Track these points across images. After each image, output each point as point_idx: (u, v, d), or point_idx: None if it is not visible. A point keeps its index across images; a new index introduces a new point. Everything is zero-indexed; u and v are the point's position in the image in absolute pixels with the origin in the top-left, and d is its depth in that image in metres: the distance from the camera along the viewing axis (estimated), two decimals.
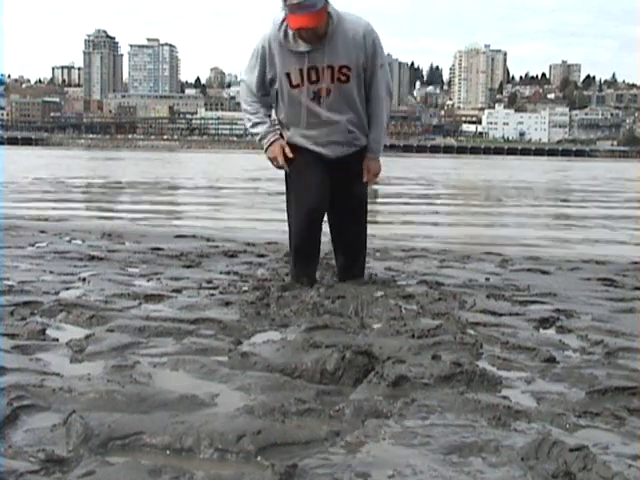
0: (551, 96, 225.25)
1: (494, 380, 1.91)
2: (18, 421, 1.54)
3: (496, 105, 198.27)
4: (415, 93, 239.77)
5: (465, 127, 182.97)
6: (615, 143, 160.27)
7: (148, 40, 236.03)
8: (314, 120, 3.20)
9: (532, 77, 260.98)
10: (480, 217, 9.35)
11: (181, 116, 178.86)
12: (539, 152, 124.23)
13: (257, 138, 3.33)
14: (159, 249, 4.58)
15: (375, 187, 12.28)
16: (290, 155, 3.22)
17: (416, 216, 9.15)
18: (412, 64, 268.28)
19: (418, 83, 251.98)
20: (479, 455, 1.43)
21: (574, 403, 1.76)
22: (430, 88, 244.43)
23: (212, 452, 1.41)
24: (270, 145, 3.26)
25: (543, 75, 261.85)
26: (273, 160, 3.28)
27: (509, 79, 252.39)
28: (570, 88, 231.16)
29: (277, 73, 3.16)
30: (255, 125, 3.29)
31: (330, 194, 3.26)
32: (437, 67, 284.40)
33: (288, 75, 3.13)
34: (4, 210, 7.78)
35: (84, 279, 3.36)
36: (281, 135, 3.31)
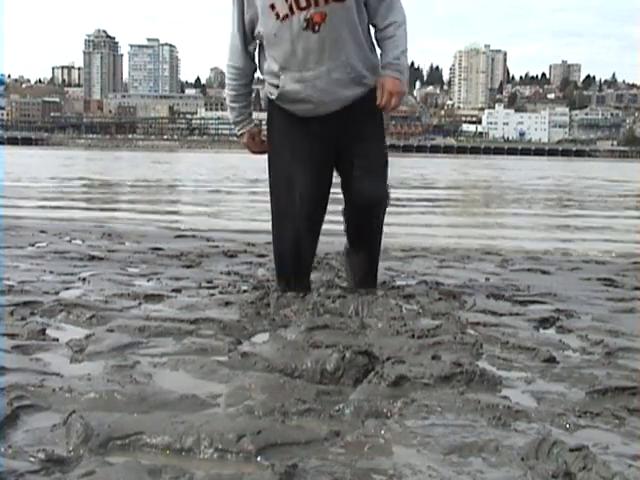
0: (551, 96, 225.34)
1: (494, 380, 1.91)
2: (18, 421, 1.54)
3: (496, 105, 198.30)
4: (415, 93, 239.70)
5: (465, 127, 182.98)
6: (615, 143, 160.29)
7: (148, 40, 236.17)
8: (310, 56, 2.73)
9: (532, 77, 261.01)
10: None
11: (181, 116, 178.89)
12: (539, 152, 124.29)
13: (230, 118, 3.05)
14: (159, 249, 4.59)
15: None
16: (259, 146, 2.99)
17: None
18: (412, 64, 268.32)
19: (418, 83, 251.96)
20: (479, 455, 1.43)
21: (574, 403, 1.76)
22: (430, 88, 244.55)
23: (212, 452, 1.41)
24: (240, 136, 3.03)
25: (543, 75, 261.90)
26: (247, 147, 3.05)
27: (509, 79, 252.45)
28: (570, 88, 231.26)
29: (259, 8, 2.73)
30: (231, 109, 3.01)
31: (330, 172, 2.91)
32: (437, 67, 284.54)
33: (272, 6, 2.69)
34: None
35: (84, 279, 3.36)
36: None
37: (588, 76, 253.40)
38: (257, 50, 2.91)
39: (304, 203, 2.85)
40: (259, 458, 1.39)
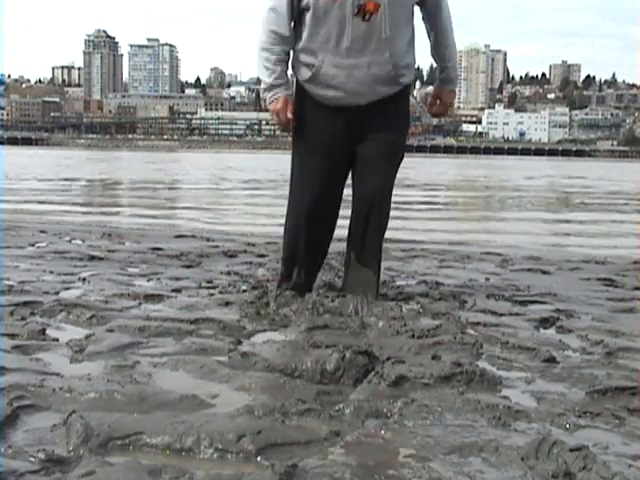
0: (551, 96, 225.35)
1: (494, 380, 1.91)
2: (18, 421, 1.54)
3: (496, 105, 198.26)
4: (415, 93, 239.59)
5: (465, 127, 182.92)
6: (615, 143, 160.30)
7: (148, 40, 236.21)
8: (354, 44, 2.63)
9: (532, 77, 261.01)
10: None
11: (181, 116, 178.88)
12: (539, 152, 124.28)
13: (262, 87, 2.81)
14: (159, 249, 4.59)
15: None
16: (288, 117, 2.76)
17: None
18: None
19: (418, 83, 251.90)
20: (479, 455, 1.43)
21: (574, 403, 1.76)
22: (430, 88, 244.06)
23: (212, 452, 1.41)
24: (273, 101, 2.78)
25: (543, 75, 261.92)
26: (276, 115, 2.80)
27: (509, 79, 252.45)
28: (570, 88, 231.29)
29: None
30: (269, 72, 2.76)
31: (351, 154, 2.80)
32: None
33: None
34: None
35: (84, 279, 3.36)
36: (299, 89, 2.81)
37: (588, 76, 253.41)
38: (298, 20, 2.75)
39: (325, 184, 2.81)
40: (259, 458, 1.39)
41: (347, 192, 2.91)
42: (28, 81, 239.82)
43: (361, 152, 2.82)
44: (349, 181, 2.94)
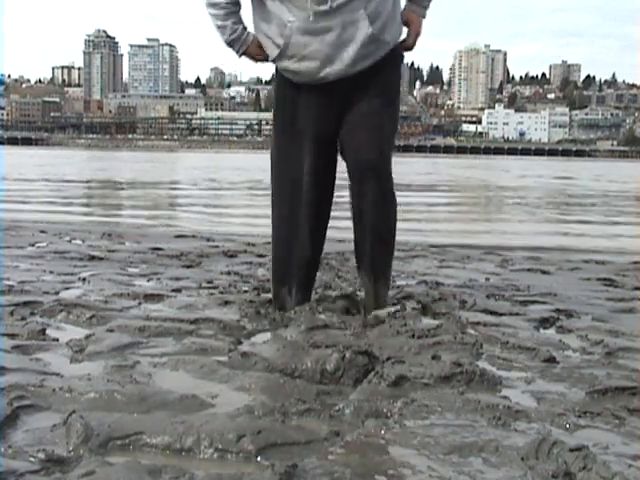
0: (551, 96, 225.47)
1: (494, 380, 1.91)
2: (18, 421, 1.54)
3: (496, 105, 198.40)
4: (415, 93, 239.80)
5: (465, 127, 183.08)
6: (615, 143, 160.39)
7: (148, 40, 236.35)
8: (323, 5, 2.35)
9: (532, 77, 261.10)
10: None
11: (181, 116, 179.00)
12: (539, 152, 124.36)
13: (223, 39, 2.55)
14: (159, 249, 4.59)
15: None
16: (264, 53, 2.51)
17: None
18: (412, 64, 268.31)
19: (418, 83, 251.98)
20: (479, 455, 1.43)
21: (574, 403, 1.76)
22: (430, 88, 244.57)
23: (212, 452, 1.41)
24: (242, 53, 2.57)
25: (543, 75, 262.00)
26: (255, 58, 2.58)
27: (509, 79, 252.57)
28: (570, 88, 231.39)
29: None
30: (221, 29, 2.53)
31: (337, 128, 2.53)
32: (437, 67, 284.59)
33: None
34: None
35: (84, 279, 3.36)
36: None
37: (588, 76, 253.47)
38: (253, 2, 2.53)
39: (309, 195, 2.56)
40: (259, 458, 1.39)
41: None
42: (28, 81, 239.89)
43: (346, 122, 2.53)
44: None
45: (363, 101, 2.51)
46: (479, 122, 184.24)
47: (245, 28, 2.57)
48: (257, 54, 2.57)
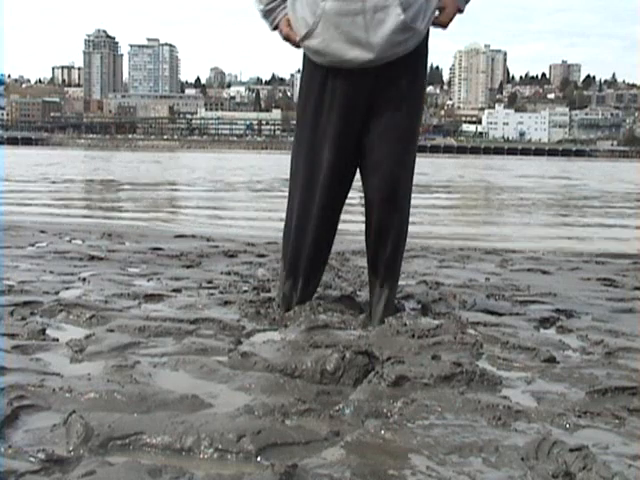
0: (551, 96, 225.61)
1: (494, 380, 1.91)
2: (18, 421, 1.54)
3: (496, 105, 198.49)
4: None
5: (465, 127, 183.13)
6: (615, 143, 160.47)
7: (148, 40, 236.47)
8: None
9: (532, 77, 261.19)
10: None
11: (181, 116, 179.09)
12: (539, 152, 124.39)
13: (259, 9, 2.55)
14: (159, 249, 4.58)
15: None
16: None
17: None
18: None
19: None
20: (479, 455, 1.43)
21: (574, 403, 1.76)
22: (430, 88, 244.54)
23: (212, 452, 1.41)
24: (275, 26, 2.54)
25: (543, 75, 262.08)
26: (287, 38, 2.52)
27: (509, 79, 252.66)
28: (570, 88, 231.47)
29: None
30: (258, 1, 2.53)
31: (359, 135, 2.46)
32: (437, 67, 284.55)
33: None
34: None
35: (84, 279, 3.36)
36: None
37: (588, 76, 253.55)
38: None
39: (325, 189, 2.50)
40: (259, 458, 1.39)
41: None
42: (28, 81, 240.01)
43: (369, 141, 2.48)
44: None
45: (393, 92, 2.43)
46: (479, 122, 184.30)
47: (284, 1, 2.51)
48: (287, 33, 2.50)
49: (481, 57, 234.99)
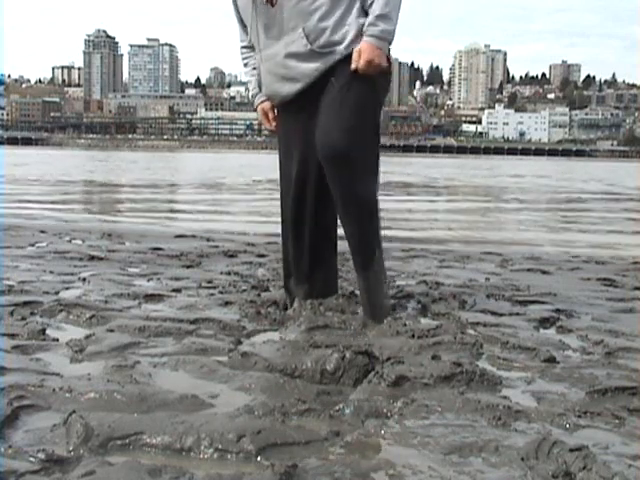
0: (551, 96, 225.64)
1: (494, 380, 1.91)
2: (18, 421, 1.54)
3: (496, 105, 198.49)
4: (415, 93, 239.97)
5: (465, 127, 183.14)
6: (615, 143, 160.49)
7: (148, 40, 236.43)
8: (269, 33, 2.50)
9: (532, 77, 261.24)
10: None
11: (181, 116, 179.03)
12: (539, 152, 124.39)
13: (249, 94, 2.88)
14: (159, 249, 4.59)
15: None
16: (272, 122, 2.73)
17: None
18: (412, 64, 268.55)
19: (418, 83, 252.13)
20: (479, 455, 1.43)
21: (574, 403, 1.76)
22: (430, 88, 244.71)
23: (212, 452, 1.41)
24: (256, 109, 2.81)
25: (543, 75, 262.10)
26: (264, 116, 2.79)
27: (509, 79, 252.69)
28: (570, 88, 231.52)
29: None
30: (248, 84, 2.83)
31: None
32: (437, 67, 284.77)
33: None
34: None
35: (84, 279, 3.36)
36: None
37: (588, 76, 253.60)
38: None
39: (297, 187, 2.62)
40: (259, 458, 1.39)
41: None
42: (28, 81, 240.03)
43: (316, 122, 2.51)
44: None
45: (327, 96, 2.49)
46: (479, 122, 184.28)
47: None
48: (263, 119, 2.80)
49: (481, 57, 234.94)
